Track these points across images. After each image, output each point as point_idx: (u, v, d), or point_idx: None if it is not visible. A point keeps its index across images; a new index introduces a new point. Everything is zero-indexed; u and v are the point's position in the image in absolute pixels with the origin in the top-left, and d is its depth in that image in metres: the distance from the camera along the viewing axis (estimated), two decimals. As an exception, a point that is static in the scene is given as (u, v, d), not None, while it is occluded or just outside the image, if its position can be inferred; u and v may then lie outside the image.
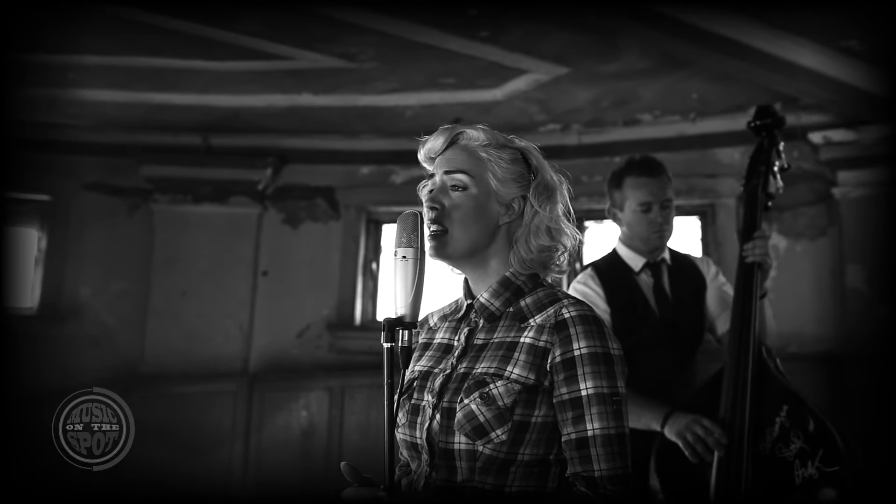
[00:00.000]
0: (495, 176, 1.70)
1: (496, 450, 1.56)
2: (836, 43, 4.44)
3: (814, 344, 5.29)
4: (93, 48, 4.73)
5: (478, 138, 1.74)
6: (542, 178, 1.74)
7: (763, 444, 2.61)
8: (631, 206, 2.99)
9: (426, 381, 1.69)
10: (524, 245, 1.71)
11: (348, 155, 6.30)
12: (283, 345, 6.19)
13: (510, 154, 1.74)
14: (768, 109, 3.07)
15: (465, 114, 5.68)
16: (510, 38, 4.45)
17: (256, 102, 5.61)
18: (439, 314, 1.86)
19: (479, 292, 1.73)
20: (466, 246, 1.69)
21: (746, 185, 2.99)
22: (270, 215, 6.39)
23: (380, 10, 4.15)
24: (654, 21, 3.98)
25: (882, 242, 5.18)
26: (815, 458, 2.52)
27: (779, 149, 3.02)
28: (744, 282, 2.81)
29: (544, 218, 1.71)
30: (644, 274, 3.00)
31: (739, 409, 2.63)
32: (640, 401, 2.72)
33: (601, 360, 1.58)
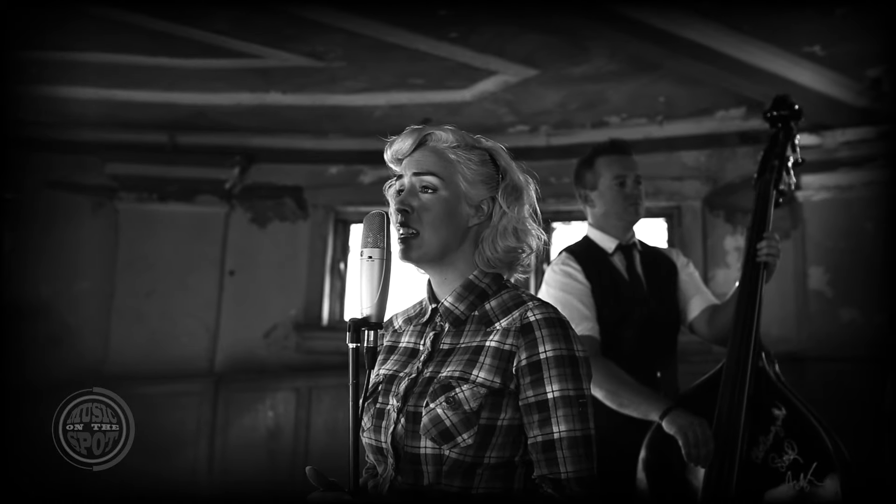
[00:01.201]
0: (465, 178, 1.70)
1: (462, 454, 1.55)
2: (799, 49, 4.51)
3: (777, 345, 5.33)
4: (57, 44, 4.66)
5: (447, 140, 1.73)
6: (511, 179, 1.73)
7: (756, 451, 2.57)
8: (606, 182, 2.98)
9: (391, 385, 1.68)
10: (490, 246, 1.70)
11: (316, 154, 6.27)
12: (250, 345, 6.15)
13: (479, 155, 1.73)
14: (786, 100, 3.01)
15: (434, 114, 5.68)
16: (480, 39, 4.46)
17: (224, 101, 5.56)
18: (403, 316, 1.84)
19: (443, 295, 1.73)
20: (437, 248, 1.68)
21: (758, 180, 2.92)
22: (237, 214, 6.34)
23: (349, 10, 4.13)
24: (622, 24, 4.00)
25: (844, 245, 5.26)
26: (809, 470, 2.47)
27: (794, 142, 2.97)
28: (749, 282, 2.74)
29: (511, 219, 1.71)
30: (617, 256, 2.99)
31: (735, 411, 2.58)
32: (641, 389, 2.68)
33: (567, 362, 1.58)
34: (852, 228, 5.26)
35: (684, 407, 2.62)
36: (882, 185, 5.20)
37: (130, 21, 4.32)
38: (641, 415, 2.64)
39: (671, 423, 2.56)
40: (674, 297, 3.03)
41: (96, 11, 4.22)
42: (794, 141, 2.96)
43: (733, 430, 2.55)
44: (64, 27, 4.42)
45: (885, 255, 5.10)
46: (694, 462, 2.52)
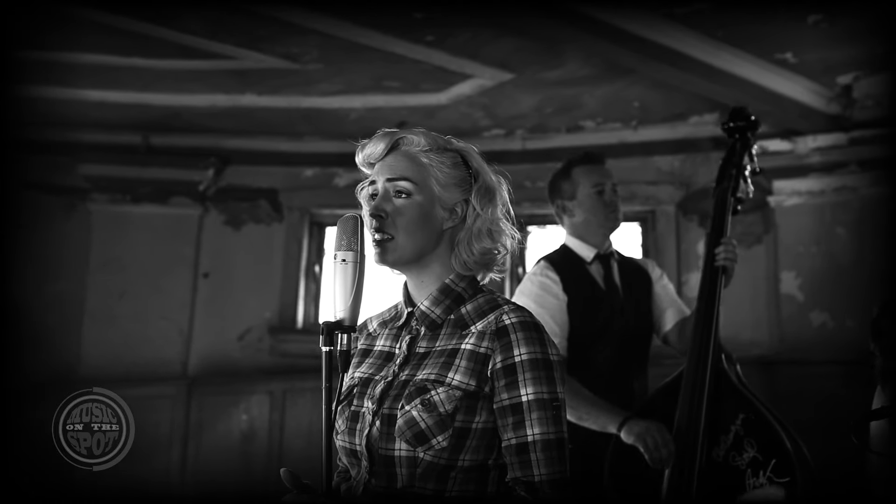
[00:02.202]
0: (438, 181, 1.70)
1: (437, 456, 1.56)
2: (772, 55, 4.56)
3: (749, 348, 5.40)
4: (30, 43, 4.61)
5: (419, 143, 1.73)
6: (483, 180, 1.74)
7: (717, 451, 2.63)
8: (585, 191, 3.01)
9: (366, 388, 1.68)
10: (466, 248, 1.71)
11: (291, 157, 6.25)
12: (224, 348, 6.11)
13: (451, 158, 1.73)
14: (742, 111, 3.07)
15: (410, 117, 5.68)
16: (455, 42, 4.47)
17: (198, 102, 5.53)
18: (378, 320, 1.84)
19: (419, 299, 1.73)
20: (412, 252, 1.68)
21: (716, 188, 2.99)
22: (212, 216, 6.31)
23: (324, 12, 4.13)
24: (597, 29, 4.02)
25: (815, 250, 5.33)
26: (768, 467, 2.53)
27: (751, 152, 3.03)
28: (708, 286, 2.81)
29: (486, 220, 1.71)
30: (595, 265, 3.02)
31: (695, 414, 2.63)
32: (598, 402, 2.73)
33: (541, 365, 1.59)
34: (823, 233, 5.32)
35: (647, 412, 2.70)
36: (852, 190, 5.27)
37: (104, 21, 4.29)
38: (600, 427, 2.70)
39: (629, 432, 2.62)
40: (648, 309, 3.07)
41: (70, 11, 4.18)
42: (751, 151, 3.04)
43: (693, 432, 2.61)
44: (37, 27, 4.37)
45: (855, 260, 5.17)
46: (657, 465, 2.57)
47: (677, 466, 2.59)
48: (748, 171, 3.01)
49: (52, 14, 4.21)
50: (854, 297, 5.10)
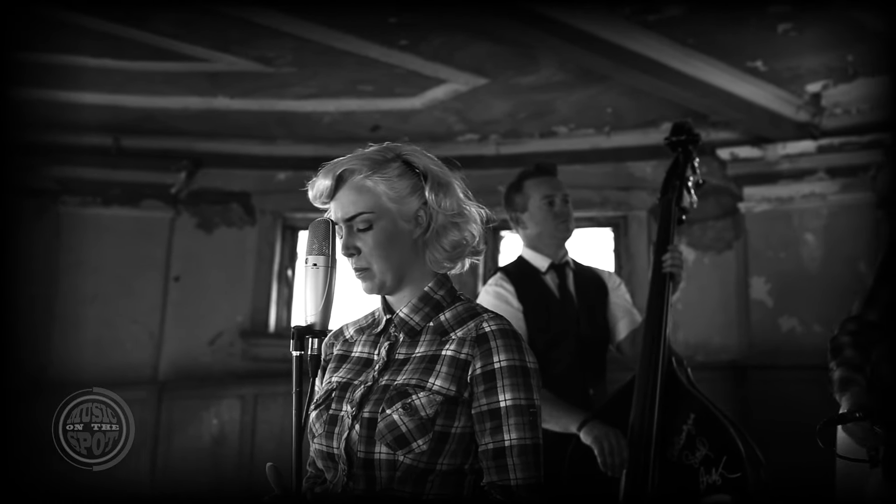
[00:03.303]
0: (391, 199, 1.68)
1: (416, 460, 1.57)
2: (742, 63, 4.61)
3: (719, 353, 5.46)
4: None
5: (360, 170, 1.69)
6: (433, 176, 1.72)
7: (671, 451, 2.70)
8: (535, 203, 3.09)
9: (345, 392, 1.69)
10: (437, 248, 1.72)
11: (265, 160, 6.22)
12: (195, 352, 6.07)
13: (396, 169, 1.71)
14: (684, 126, 3.16)
15: (384, 121, 5.69)
16: (429, 47, 4.48)
17: (170, 104, 5.50)
18: (355, 326, 1.84)
19: (398, 306, 1.74)
20: (394, 274, 1.69)
21: (661, 198, 3.08)
22: (183, 219, 6.27)
23: (298, 16, 4.12)
24: (570, 36, 4.05)
25: (784, 256, 5.39)
26: (719, 465, 2.61)
27: (693, 164, 3.12)
28: (657, 293, 2.89)
29: (448, 214, 1.71)
30: (550, 274, 3.10)
31: (648, 416, 2.71)
32: (560, 403, 2.80)
33: (519, 372, 1.61)
34: (792, 239, 5.39)
35: (602, 417, 2.76)
36: (821, 197, 5.35)
37: (75, 22, 4.25)
38: (561, 428, 2.76)
39: (587, 434, 2.70)
40: (604, 317, 3.14)
41: (40, 12, 4.14)
42: (694, 163, 3.12)
43: (646, 434, 2.68)
44: (6, 26, 4.33)
45: (823, 266, 5.24)
46: (609, 471, 2.65)
47: (632, 467, 2.66)
48: (691, 183, 3.09)
49: (21, 14, 4.16)
50: (822, 303, 5.17)
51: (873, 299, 2.59)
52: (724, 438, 2.64)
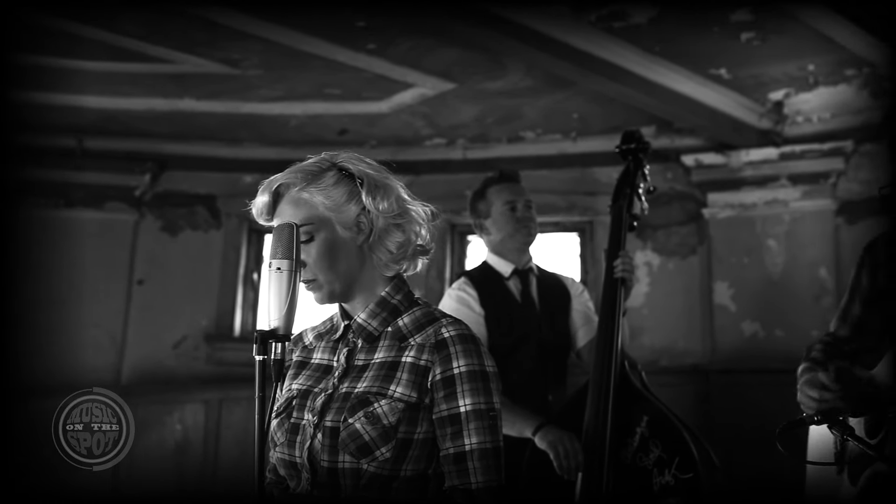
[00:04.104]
0: (329, 208, 1.69)
1: (380, 467, 1.58)
2: (706, 71, 4.67)
3: (683, 357, 5.51)
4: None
5: (294, 184, 1.70)
6: (369, 180, 1.72)
7: (625, 453, 2.74)
8: (498, 209, 3.13)
9: (306, 400, 1.69)
10: (383, 252, 1.72)
11: (231, 163, 6.17)
12: (158, 356, 6.00)
13: (331, 178, 1.71)
14: (634, 134, 3.22)
15: (351, 125, 5.68)
16: (397, 51, 4.48)
17: (135, 105, 5.44)
18: (314, 332, 1.85)
19: (355, 312, 1.74)
20: (341, 284, 1.70)
21: (612, 205, 3.13)
22: (147, 222, 6.20)
23: (265, 18, 4.10)
24: (537, 42, 4.08)
25: (747, 261, 5.46)
26: (672, 466, 2.65)
27: (644, 172, 3.17)
28: (609, 297, 2.93)
29: (389, 215, 1.71)
30: (513, 280, 3.14)
31: (602, 419, 2.75)
32: (516, 409, 2.83)
33: (479, 377, 1.63)
34: (755, 245, 5.46)
35: (557, 421, 2.81)
36: (783, 204, 5.42)
37: (38, 21, 4.19)
38: (516, 433, 2.79)
39: (542, 438, 2.74)
40: (565, 323, 3.18)
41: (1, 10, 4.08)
42: (644, 171, 3.17)
43: (600, 437, 2.72)
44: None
45: (784, 272, 5.31)
46: (565, 474, 2.68)
47: (587, 469, 2.70)
48: (642, 190, 3.14)
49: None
50: (784, 308, 5.25)
51: (845, 316, 2.66)
52: (677, 440, 2.69)
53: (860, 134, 5.16)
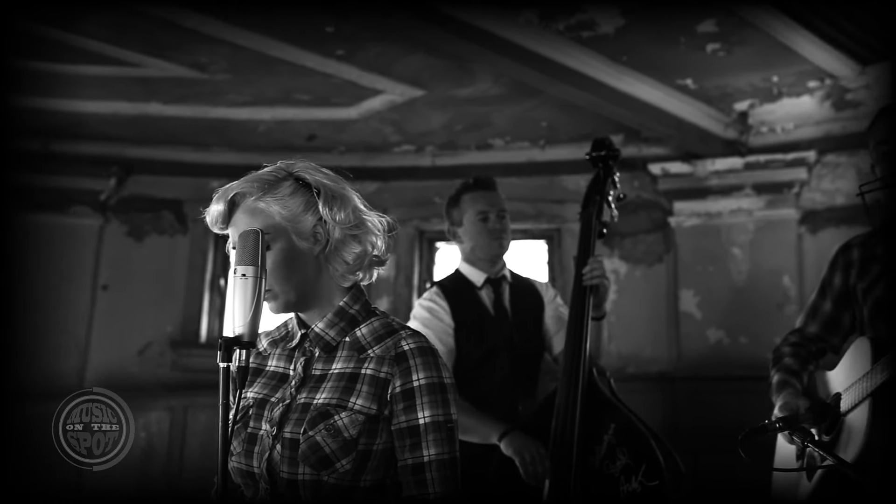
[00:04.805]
0: (285, 218, 1.68)
1: (340, 479, 1.58)
2: (673, 81, 4.72)
3: (649, 364, 5.55)
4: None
5: (251, 193, 1.69)
6: (326, 189, 1.71)
7: (592, 460, 2.74)
8: (470, 218, 3.12)
9: (262, 410, 1.68)
10: (339, 262, 1.71)
11: (198, 167, 6.12)
12: (123, 362, 5.94)
13: (288, 187, 1.70)
14: (604, 142, 3.20)
15: (320, 131, 5.66)
16: (366, 57, 4.48)
17: (101, 109, 5.39)
18: (268, 339, 1.83)
19: (312, 321, 1.73)
20: (296, 294, 1.69)
21: (583, 212, 3.11)
22: (113, 227, 6.14)
23: (234, 22, 4.08)
24: (506, 50, 4.09)
25: (712, 269, 5.51)
26: (639, 473, 2.65)
27: (614, 179, 3.16)
28: (578, 304, 2.91)
29: (345, 226, 1.70)
30: (485, 289, 3.12)
31: (569, 426, 2.74)
32: (480, 415, 2.83)
33: (437, 389, 1.64)
34: (720, 253, 5.52)
35: (525, 428, 2.80)
36: (747, 213, 5.49)
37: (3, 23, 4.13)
38: (482, 439, 2.79)
39: (508, 444, 2.73)
40: (539, 330, 3.17)
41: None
42: (614, 178, 3.16)
43: (568, 443, 2.72)
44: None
45: (748, 280, 5.38)
46: (531, 481, 2.67)
47: (554, 476, 2.69)
48: (612, 198, 3.13)
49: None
50: (748, 316, 5.31)
51: (814, 312, 2.70)
52: (644, 448, 2.69)
53: (822, 145, 5.24)
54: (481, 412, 2.83)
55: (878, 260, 2.53)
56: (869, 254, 2.57)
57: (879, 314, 2.48)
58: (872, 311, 2.51)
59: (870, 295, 2.52)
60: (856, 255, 2.62)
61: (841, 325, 2.67)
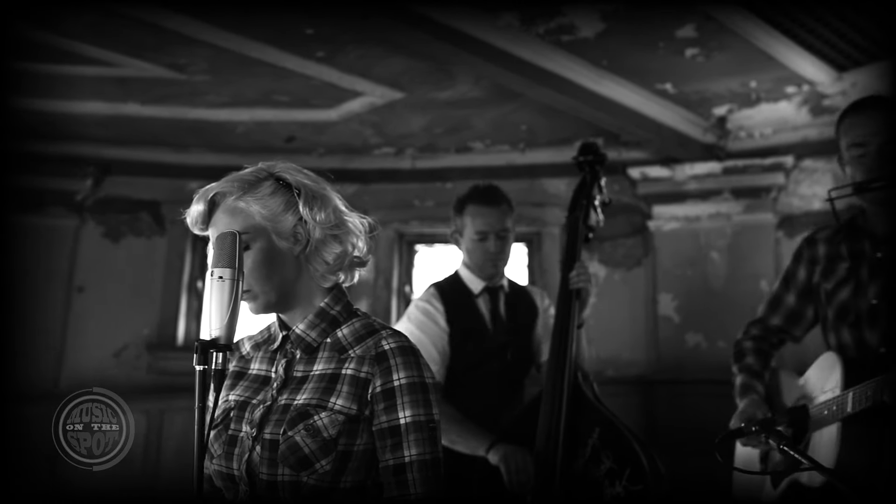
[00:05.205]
0: (265, 218, 1.68)
1: (320, 480, 1.57)
2: (652, 85, 4.74)
3: (628, 368, 5.56)
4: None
5: (231, 193, 1.70)
6: (306, 190, 1.71)
7: (576, 464, 2.75)
8: (469, 234, 3.11)
9: (243, 412, 1.67)
10: (320, 263, 1.71)
11: (176, 168, 6.07)
12: (98, 364, 5.87)
13: (268, 187, 1.70)
14: (591, 146, 3.22)
15: (300, 132, 5.63)
16: (346, 59, 4.46)
17: (77, 109, 5.33)
18: (251, 342, 1.83)
19: (293, 322, 1.73)
20: (276, 294, 1.69)
21: (569, 216, 3.13)
22: (89, 228, 6.08)
23: (213, 23, 4.05)
24: (486, 53, 4.10)
25: (690, 273, 5.54)
26: (623, 477, 2.68)
27: (600, 184, 3.18)
28: (564, 309, 2.93)
29: (326, 226, 1.70)
30: (482, 298, 3.12)
31: (554, 430, 2.75)
32: (469, 426, 2.84)
33: (419, 389, 1.63)
34: (698, 257, 5.54)
35: (510, 432, 2.82)
36: (726, 217, 5.52)
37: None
38: (470, 450, 2.81)
39: (495, 454, 2.75)
40: (530, 340, 3.18)
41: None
42: (601, 183, 3.19)
43: (552, 448, 2.73)
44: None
45: (726, 284, 5.41)
46: (515, 489, 2.69)
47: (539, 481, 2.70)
48: (598, 202, 3.16)
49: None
50: (726, 319, 5.33)
51: (777, 304, 2.71)
52: (628, 452, 2.71)
53: (800, 150, 5.28)
54: (469, 423, 2.83)
55: (844, 259, 2.54)
56: (834, 252, 2.58)
57: (844, 319, 2.49)
58: (838, 315, 2.51)
59: (835, 297, 2.53)
60: (821, 252, 2.62)
61: (804, 319, 2.69)
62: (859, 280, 2.47)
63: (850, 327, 2.46)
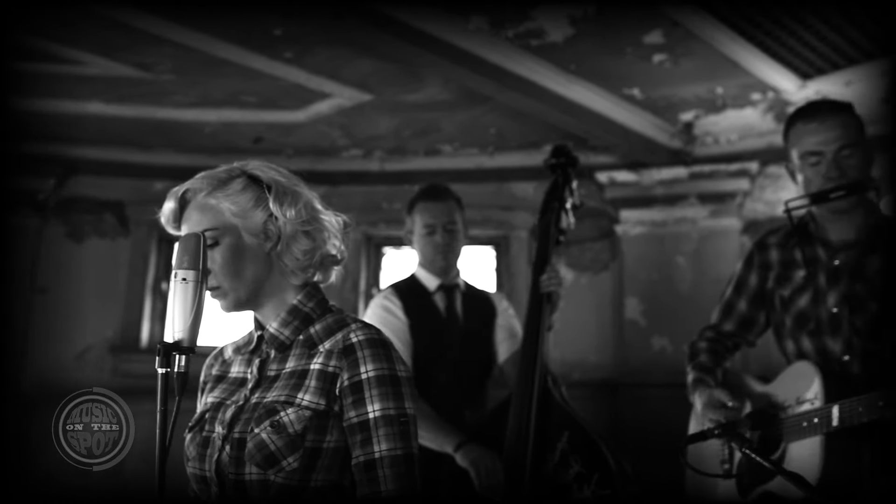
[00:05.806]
0: (235, 214, 1.67)
1: (288, 478, 1.55)
2: (620, 90, 4.77)
3: (594, 371, 5.59)
4: None
5: (200, 190, 1.69)
6: (277, 186, 1.71)
7: (546, 468, 2.75)
8: (418, 230, 3.16)
9: (217, 413, 1.66)
10: (290, 259, 1.70)
11: (141, 169, 6.00)
12: (61, 367, 5.79)
13: (238, 184, 1.70)
14: (563, 149, 3.23)
15: (267, 133, 5.60)
16: (314, 60, 4.44)
17: (40, 107, 5.25)
18: (233, 347, 1.82)
19: (267, 322, 1.72)
20: (246, 291, 1.68)
21: (540, 219, 3.13)
22: (52, 228, 5.99)
23: (180, 23, 4.01)
24: (454, 56, 4.10)
25: (657, 277, 5.58)
26: (591, 481, 2.68)
27: (572, 187, 3.18)
28: (534, 312, 2.93)
29: (296, 222, 1.69)
30: (438, 295, 3.15)
31: (524, 434, 2.75)
32: (438, 422, 2.83)
33: (388, 381, 1.60)
34: (664, 262, 5.58)
35: (479, 435, 2.82)
36: (692, 222, 5.57)
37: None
38: (438, 447, 2.80)
39: (464, 456, 2.74)
40: (489, 340, 3.19)
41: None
42: (572, 186, 3.19)
43: (521, 452, 2.73)
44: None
45: (692, 288, 5.46)
46: (485, 493, 2.68)
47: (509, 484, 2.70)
48: (569, 205, 3.16)
49: None
50: (691, 323, 5.32)
51: (729, 310, 2.73)
52: (596, 456, 2.72)
53: (765, 156, 5.33)
54: (439, 419, 2.83)
55: (799, 266, 2.53)
56: (788, 258, 2.57)
57: (803, 327, 2.48)
58: (797, 322, 2.51)
59: (793, 305, 2.52)
60: (774, 257, 2.62)
61: (756, 324, 2.71)
62: (817, 288, 2.47)
63: (809, 335, 2.47)
